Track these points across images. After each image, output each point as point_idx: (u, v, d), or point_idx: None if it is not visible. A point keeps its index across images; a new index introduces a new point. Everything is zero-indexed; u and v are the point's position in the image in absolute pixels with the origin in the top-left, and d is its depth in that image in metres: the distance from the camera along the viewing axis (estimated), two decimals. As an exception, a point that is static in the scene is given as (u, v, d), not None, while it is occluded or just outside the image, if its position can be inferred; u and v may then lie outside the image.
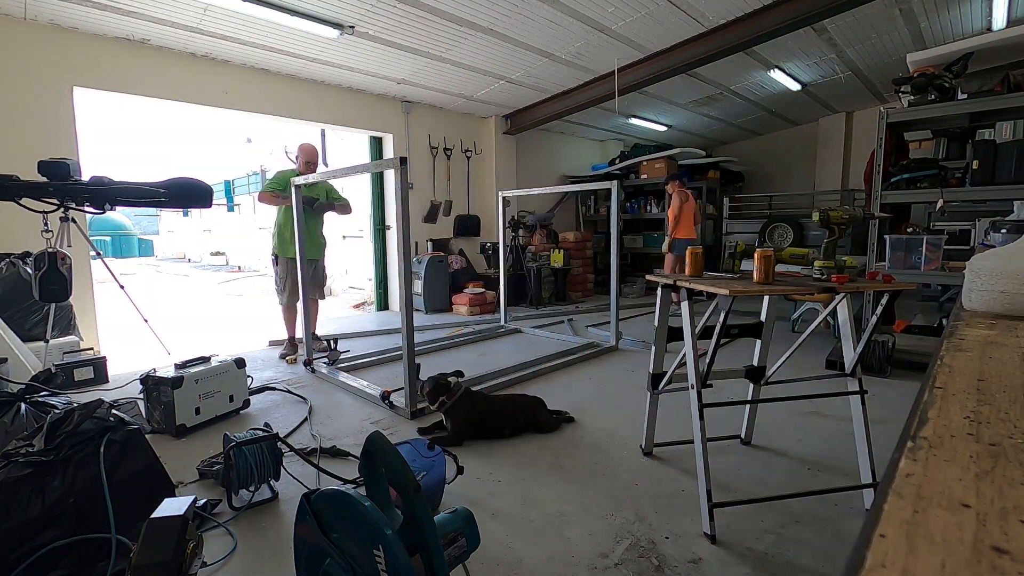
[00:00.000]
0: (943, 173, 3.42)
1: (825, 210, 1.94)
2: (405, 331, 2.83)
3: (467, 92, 6.14)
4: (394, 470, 1.09)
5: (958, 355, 0.76)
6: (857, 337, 1.98)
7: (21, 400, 2.05)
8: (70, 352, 3.55)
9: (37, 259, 2.88)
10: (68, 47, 4.02)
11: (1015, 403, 0.56)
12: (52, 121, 3.98)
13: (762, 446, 2.45)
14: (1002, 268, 1.02)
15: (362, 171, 3.77)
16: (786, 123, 8.97)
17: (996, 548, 0.31)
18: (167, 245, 22.24)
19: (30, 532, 1.44)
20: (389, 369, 3.93)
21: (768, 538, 1.74)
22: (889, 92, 7.05)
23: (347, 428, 2.77)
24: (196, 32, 4.20)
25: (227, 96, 4.88)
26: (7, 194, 2.52)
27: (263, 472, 1.98)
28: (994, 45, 3.38)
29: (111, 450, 1.64)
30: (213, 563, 1.64)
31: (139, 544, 1.33)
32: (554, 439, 2.58)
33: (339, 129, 6.14)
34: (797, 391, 2.50)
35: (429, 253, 6.56)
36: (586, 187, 5.37)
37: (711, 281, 1.82)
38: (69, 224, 3.32)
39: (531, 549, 1.71)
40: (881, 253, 3.55)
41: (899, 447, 0.45)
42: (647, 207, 8.22)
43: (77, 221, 3.50)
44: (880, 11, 4.81)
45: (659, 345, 2.22)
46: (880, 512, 0.35)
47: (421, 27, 4.37)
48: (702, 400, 1.82)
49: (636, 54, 5.22)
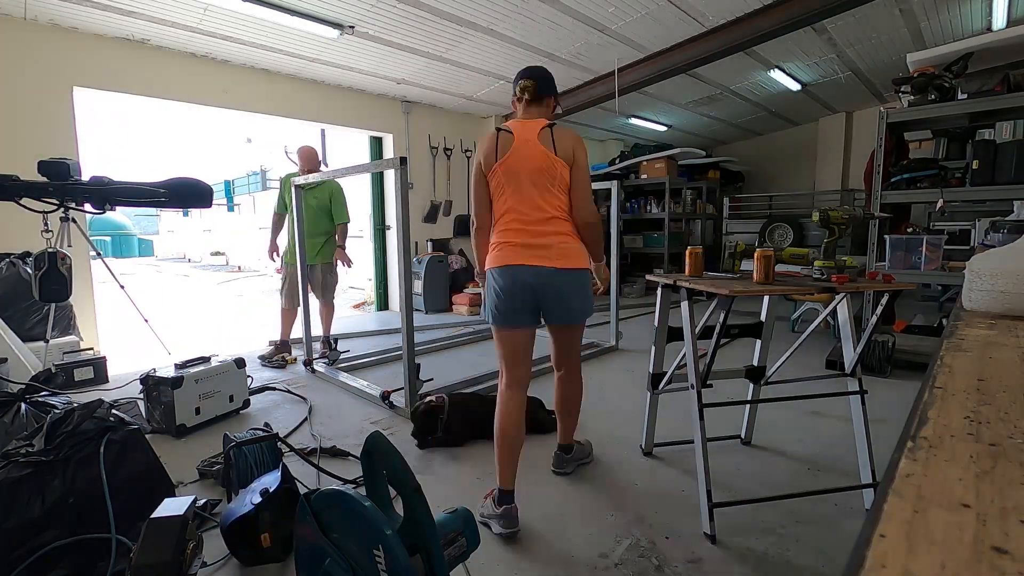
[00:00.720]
0: (943, 173, 3.42)
1: (825, 210, 1.94)
2: (405, 331, 2.83)
3: (467, 92, 6.14)
4: (394, 470, 1.10)
5: (958, 355, 0.76)
6: (857, 337, 1.98)
7: (21, 400, 2.05)
8: (70, 352, 3.55)
9: (37, 259, 2.88)
10: (68, 47, 4.02)
11: (1015, 403, 0.56)
12: (52, 121, 3.98)
13: (762, 446, 2.44)
14: (1002, 268, 1.02)
15: (362, 171, 3.77)
16: (786, 123, 8.96)
17: (996, 548, 0.31)
18: (167, 245, 22.24)
19: (30, 532, 1.44)
20: (389, 369, 3.93)
21: (768, 538, 1.74)
22: (889, 92, 7.04)
23: (347, 428, 2.77)
24: (196, 32, 4.20)
25: (227, 96, 4.88)
26: (7, 194, 2.52)
27: (263, 472, 1.98)
28: (994, 45, 3.38)
29: (111, 450, 1.64)
30: (213, 563, 1.64)
31: (139, 544, 1.33)
32: (553, 439, 2.57)
33: (339, 129, 6.13)
34: (797, 391, 2.50)
35: (429, 253, 6.56)
36: (586, 187, 5.36)
37: (711, 281, 1.82)
38: (69, 224, 3.32)
39: (531, 549, 1.71)
40: (881, 253, 3.55)
41: (899, 447, 0.45)
42: (647, 207, 8.21)
43: (77, 221, 3.50)
44: (880, 11, 4.81)
45: (659, 345, 2.22)
46: (880, 512, 0.35)
47: (421, 27, 4.37)
48: (702, 400, 1.82)
49: (636, 54, 5.22)
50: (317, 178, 3.69)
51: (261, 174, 12.47)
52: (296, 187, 3.84)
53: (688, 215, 8.31)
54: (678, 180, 8.02)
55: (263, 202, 12.67)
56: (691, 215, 8.39)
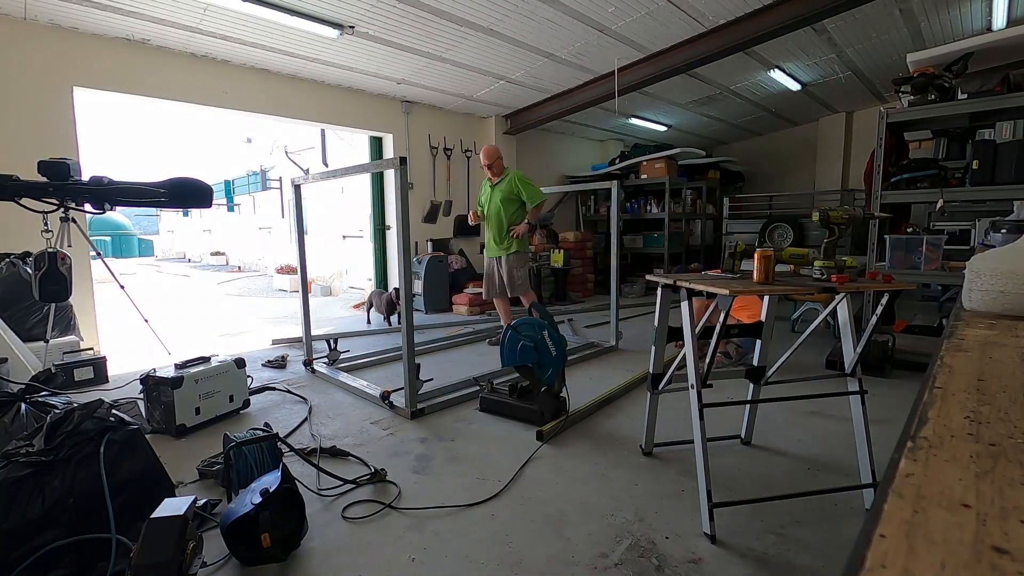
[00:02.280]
0: (943, 173, 3.42)
1: (825, 210, 1.94)
2: (405, 331, 2.83)
3: (467, 92, 6.14)
4: (543, 314, 2.81)
5: (958, 355, 0.76)
6: (857, 337, 1.98)
7: (21, 400, 2.05)
8: (70, 352, 3.55)
9: (37, 259, 2.88)
10: (68, 47, 4.02)
11: (1015, 403, 0.56)
12: (52, 121, 3.98)
13: (762, 446, 2.44)
14: (1002, 268, 1.02)
15: (362, 171, 3.77)
16: (786, 123, 8.97)
17: (996, 548, 0.31)
18: (167, 245, 22.23)
19: (30, 532, 1.44)
20: (389, 369, 3.93)
21: (768, 538, 1.74)
22: (889, 92, 7.05)
23: (347, 428, 2.76)
24: (196, 32, 4.20)
25: (227, 96, 4.88)
26: (7, 194, 2.52)
27: (263, 472, 1.98)
28: (994, 45, 3.38)
29: (111, 450, 1.64)
30: (213, 563, 1.64)
31: (139, 544, 1.33)
32: (553, 439, 2.58)
33: (339, 129, 6.14)
34: (797, 391, 2.50)
35: (429, 253, 6.56)
36: (586, 187, 5.37)
37: (711, 281, 1.82)
38: (69, 224, 3.32)
39: (531, 549, 1.71)
40: (881, 253, 3.55)
41: (899, 447, 0.45)
42: (647, 207, 8.22)
43: (77, 221, 3.50)
44: (880, 11, 4.81)
45: (659, 345, 2.22)
46: (880, 512, 0.35)
47: (421, 27, 4.37)
48: (702, 400, 1.82)
49: (636, 54, 5.22)
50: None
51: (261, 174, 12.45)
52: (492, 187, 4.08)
53: (688, 215, 8.32)
54: (678, 180, 8.02)
55: (263, 202, 12.66)
56: (691, 215, 8.39)
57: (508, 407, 2.86)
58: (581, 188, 5.62)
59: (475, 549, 1.71)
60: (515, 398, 2.85)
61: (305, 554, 1.70)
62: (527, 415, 2.75)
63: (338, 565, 1.65)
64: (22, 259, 3.50)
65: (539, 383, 2.78)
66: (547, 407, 2.70)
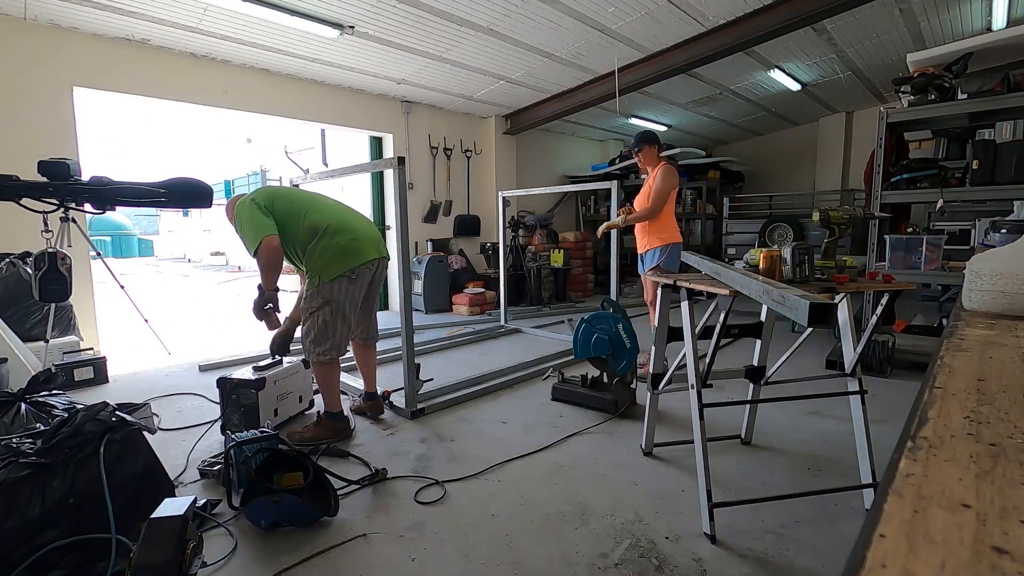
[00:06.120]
0: (943, 173, 3.42)
1: (825, 210, 1.94)
2: (405, 331, 2.83)
3: (467, 92, 6.14)
4: (616, 307, 2.96)
5: (958, 355, 0.76)
6: (857, 337, 1.98)
7: (21, 400, 2.05)
8: (70, 352, 3.55)
9: (37, 259, 2.88)
10: (68, 47, 4.02)
11: (1015, 403, 0.56)
12: (52, 121, 3.98)
13: (762, 446, 2.44)
14: (1002, 268, 1.02)
15: (361, 171, 3.77)
16: (786, 123, 8.97)
17: (996, 548, 0.31)
18: (167, 245, 22.24)
19: (30, 532, 1.44)
20: (389, 369, 3.92)
21: (768, 538, 1.74)
22: (889, 92, 7.05)
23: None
24: (196, 32, 4.20)
25: (227, 96, 4.88)
26: (7, 194, 2.52)
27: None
28: (994, 45, 3.38)
29: (111, 450, 1.64)
30: (213, 563, 1.64)
31: (139, 544, 1.33)
32: (553, 438, 2.58)
33: (339, 129, 6.13)
34: (797, 391, 2.50)
35: (429, 253, 6.56)
36: (586, 187, 5.36)
37: (711, 281, 1.82)
38: (69, 224, 3.32)
39: (531, 549, 1.71)
40: (881, 253, 3.55)
41: (899, 447, 0.45)
42: (647, 207, 8.20)
43: (77, 221, 3.50)
44: (880, 11, 4.81)
45: (659, 345, 2.22)
46: (880, 512, 0.35)
47: (421, 27, 4.37)
48: (702, 400, 1.82)
49: (636, 54, 5.22)
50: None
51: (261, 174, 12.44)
52: None
53: (688, 215, 8.31)
54: (678, 180, 8.00)
55: (263, 202, 12.65)
56: (691, 215, 8.39)
57: (581, 396, 2.96)
58: (581, 188, 5.61)
59: (475, 549, 1.71)
60: (588, 388, 2.96)
61: (305, 554, 1.70)
62: (601, 404, 2.87)
63: (338, 564, 1.65)
64: (22, 259, 3.50)
65: (613, 374, 2.89)
66: (621, 396, 2.82)
